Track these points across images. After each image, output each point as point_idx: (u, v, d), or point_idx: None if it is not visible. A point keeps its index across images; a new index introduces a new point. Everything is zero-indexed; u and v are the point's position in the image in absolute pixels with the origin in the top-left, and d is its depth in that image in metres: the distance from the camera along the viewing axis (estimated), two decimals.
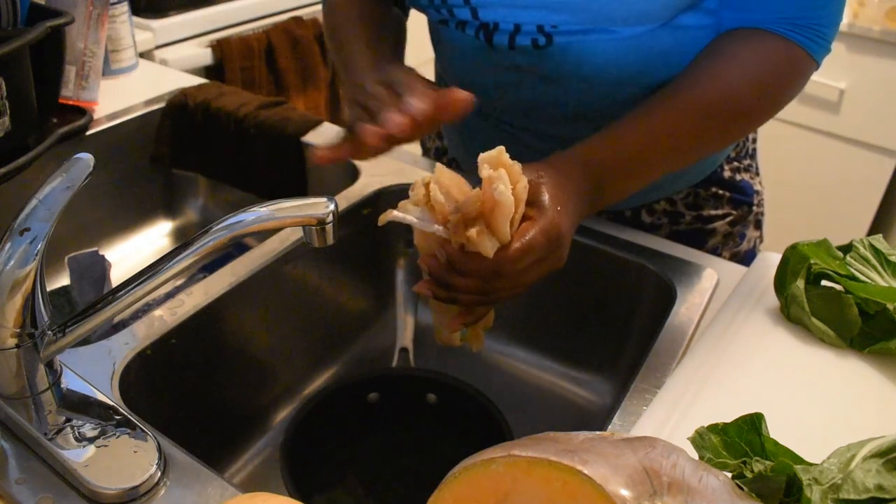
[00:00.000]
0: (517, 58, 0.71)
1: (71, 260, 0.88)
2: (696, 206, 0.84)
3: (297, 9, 1.67)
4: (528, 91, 0.74)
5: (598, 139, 0.63)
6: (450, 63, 0.81)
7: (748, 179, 0.87)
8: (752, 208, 0.87)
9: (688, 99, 0.65)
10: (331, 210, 0.50)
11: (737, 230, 0.87)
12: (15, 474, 0.52)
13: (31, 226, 0.50)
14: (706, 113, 0.64)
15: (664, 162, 0.66)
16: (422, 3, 0.72)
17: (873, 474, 0.41)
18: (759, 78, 0.66)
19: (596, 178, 0.61)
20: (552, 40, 0.67)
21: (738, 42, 0.67)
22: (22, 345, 0.51)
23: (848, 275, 0.59)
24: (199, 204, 1.15)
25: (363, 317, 0.93)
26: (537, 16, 0.66)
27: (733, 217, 0.86)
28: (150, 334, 0.66)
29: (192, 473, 0.52)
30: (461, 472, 0.38)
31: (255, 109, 1.01)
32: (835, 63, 1.81)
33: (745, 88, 0.65)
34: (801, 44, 0.66)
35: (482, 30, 0.70)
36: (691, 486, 0.35)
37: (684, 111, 0.64)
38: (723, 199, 0.85)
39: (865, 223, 1.97)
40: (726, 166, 0.85)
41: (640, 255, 0.77)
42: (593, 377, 0.86)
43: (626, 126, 0.64)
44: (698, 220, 0.85)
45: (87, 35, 1.02)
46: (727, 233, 0.86)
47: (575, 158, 0.61)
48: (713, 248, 0.86)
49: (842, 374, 0.57)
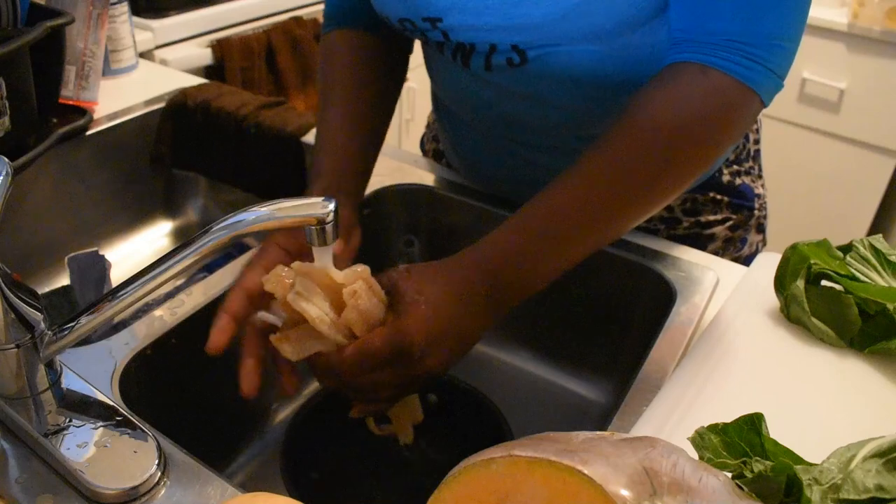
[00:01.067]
0: (494, 77, 0.69)
1: (71, 260, 0.88)
2: (694, 211, 0.83)
3: (297, 9, 1.67)
4: (510, 106, 0.73)
5: (498, 231, 0.58)
6: (436, 79, 0.82)
7: (749, 183, 0.85)
8: (754, 212, 0.85)
9: (593, 166, 0.57)
10: (331, 210, 0.50)
11: (738, 235, 0.85)
12: (15, 474, 0.52)
13: None
14: (612, 179, 0.57)
15: (583, 238, 0.58)
16: (394, 26, 0.70)
17: (873, 474, 0.41)
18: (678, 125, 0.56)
19: (492, 274, 0.56)
20: (526, 57, 0.65)
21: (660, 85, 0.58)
22: (22, 345, 0.51)
23: (848, 275, 0.59)
24: (199, 204, 1.15)
25: None
26: (506, 36, 0.64)
27: (733, 221, 0.84)
28: (150, 334, 0.66)
29: (192, 473, 0.52)
30: (461, 472, 0.38)
31: (255, 109, 1.01)
32: (835, 63, 1.81)
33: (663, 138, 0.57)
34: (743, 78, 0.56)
35: (459, 51, 0.68)
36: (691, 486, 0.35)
37: (590, 180, 0.57)
38: (721, 203, 0.83)
39: (865, 223, 1.98)
40: (725, 170, 0.83)
41: (640, 255, 0.77)
42: (593, 377, 0.86)
43: (529, 210, 0.58)
44: (696, 226, 0.83)
45: (87, 35, 1.02)
46: (727, 238, 0.85)
47: (464, 260, 0.57)
48: (713, 254, 0.84)
49: (842, 374, 0.57)
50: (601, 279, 0.80)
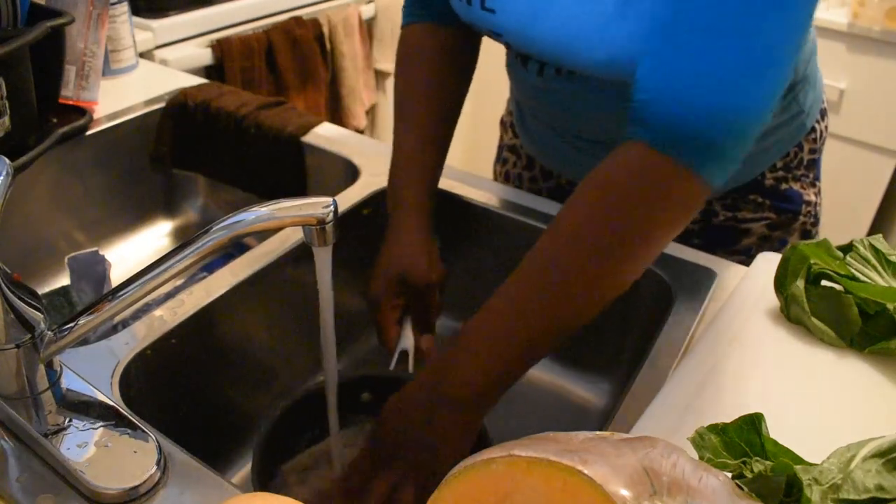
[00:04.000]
0: (548, 82, 0.72)
1: (71, 260, 0.88)
2: (734, 207, 0.83)
3: (297, 9, 1.67)
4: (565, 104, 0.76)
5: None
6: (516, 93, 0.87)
7: (798, 189, 0.84)
8: (799, 217, 0.85)
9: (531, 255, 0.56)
10: (331, 210, 0.50)
11: (776, 235, 0.84)
12: (15, 474, 0.51)
13: None
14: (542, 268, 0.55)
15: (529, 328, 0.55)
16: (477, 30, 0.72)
17: (873, 474, 0.41)
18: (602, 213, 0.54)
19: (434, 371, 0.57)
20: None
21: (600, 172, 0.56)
22: (22, 345, 0.51)
23: (848, 275, 0.59)
24: (199, 204, 1.15)
25: (363, 317, 0.93)
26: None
27: (772, 221, 0.83)
28: (150, 334, 0.66)
29: (192, 473, 0.52)
30: (461, 472, 0.38)
31: (255, 109, 1.01)
32: (835, 63, 1.81)
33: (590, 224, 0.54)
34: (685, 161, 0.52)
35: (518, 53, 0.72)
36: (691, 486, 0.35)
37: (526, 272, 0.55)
38: (763, 205, 0.83)
39: (865, 223, 1.97)
40: (769, 174, 0.82)
41: None
42: (593, 377, 0.86)
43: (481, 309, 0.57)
44: (733, 220, 0.83)
45: (87, 35, 1.02)
46: (764, 235, 0.84)
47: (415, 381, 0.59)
48: (747, 248, 0.84)
49: (842, 374, 0.57)
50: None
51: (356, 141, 0.99)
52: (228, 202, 1.13)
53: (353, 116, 1.85)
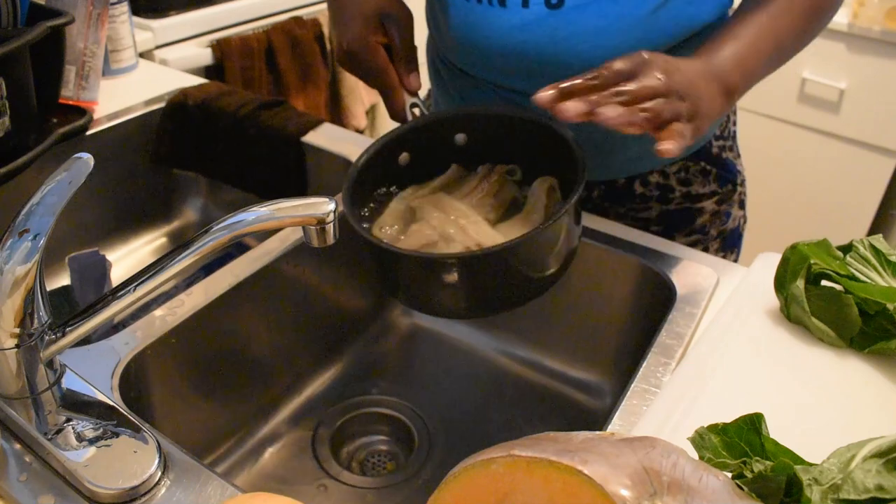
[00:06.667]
0: (528, 17, 0.71)
1: (71, 260, 0.88)
2: (687, 181, 0.87)
3: (297, 9, 1.67)
4: (534, 52, 0.74)
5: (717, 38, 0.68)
6: (451, 32, 0.81)
7: (732, 159, 0.90)
8: (737, 188, 0.90)
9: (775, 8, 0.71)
10: (331, 210, 0.50)
11: (723, 209, 0.90)
12: (15, 474, 0.52)
13: (31, 225, 0.50)
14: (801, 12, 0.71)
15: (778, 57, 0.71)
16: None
17: (873, 474, 0.41)
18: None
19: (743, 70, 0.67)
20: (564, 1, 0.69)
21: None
22: (22, 345, 0.51)
23: (848, 275, 0.59)
24: (199, 204, 1.15)
25: (363, 317, 0.93)
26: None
27: (719, 195, 0.89)
28: (150, 334, 0.66)
29: (192, 473, 0.52)
30: (461, 472, 0.38)
31: (255, 109, 1.01)
32: (835, 63, 1.81)
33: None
34: None
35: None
36: (691, 486, 0.35)
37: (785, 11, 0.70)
38: (710, 174, 0.87)
39: (865, 223, 1.97)
40: (714, 143, 0.88)
41: (640, 255, 0.77)
42: (593, 377, 0.86)
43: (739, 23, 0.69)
44: (687, 199, 0.87)
45: (87, 35, 1.02)
46: (714, 211, 0.89)
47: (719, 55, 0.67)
48: (702, 227, 0.89)
49: (842, 374, 0.57)
50: (601, 279, 0.80)
51: (356, 141, 0.99)
52: (228, 202, 1.13)
53: (353, 116, 1.85)
